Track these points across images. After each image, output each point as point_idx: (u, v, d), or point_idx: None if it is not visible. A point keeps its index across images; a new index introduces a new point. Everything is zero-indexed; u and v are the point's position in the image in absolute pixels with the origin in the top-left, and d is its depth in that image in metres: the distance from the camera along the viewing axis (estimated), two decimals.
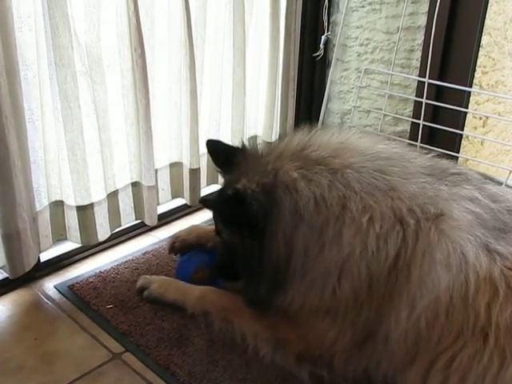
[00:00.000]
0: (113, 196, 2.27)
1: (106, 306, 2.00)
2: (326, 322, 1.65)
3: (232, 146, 1.88)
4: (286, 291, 1.70)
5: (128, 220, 2.38)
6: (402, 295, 1.53)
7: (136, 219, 2.41)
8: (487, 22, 2.60)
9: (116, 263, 2.23)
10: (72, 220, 2.17)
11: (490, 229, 1.54)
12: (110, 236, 2.32)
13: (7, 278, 2.05)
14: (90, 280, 2.12)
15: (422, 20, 2.64)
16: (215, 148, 1.90)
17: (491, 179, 1.79)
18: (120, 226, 2.36)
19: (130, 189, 2.34)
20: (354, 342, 1.63)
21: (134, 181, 2.34)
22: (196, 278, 2.01)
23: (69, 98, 1.98)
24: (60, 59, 1.92)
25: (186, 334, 1.87)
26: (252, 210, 1.64)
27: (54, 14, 1.86)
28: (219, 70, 2.53)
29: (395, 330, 1.55)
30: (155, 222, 2.42)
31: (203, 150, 2.53)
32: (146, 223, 2.41)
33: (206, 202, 1.89)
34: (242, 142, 1.84)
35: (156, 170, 2.39)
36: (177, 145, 2.47)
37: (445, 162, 1.77)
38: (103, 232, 2.25)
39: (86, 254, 2.28)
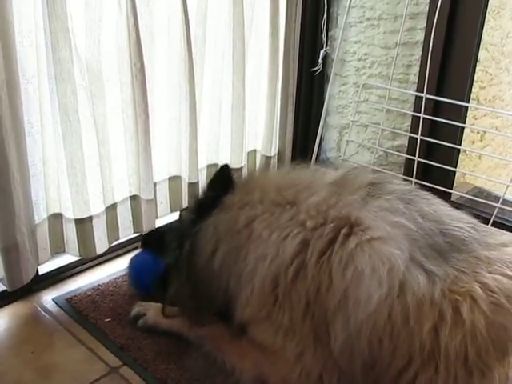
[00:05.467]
0: (111, 209, 2.27)
1: (104, 319, 1.99)
2: (279, 338, 1.63)
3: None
4: (233, 307, 1.72)
5: (126, 233, 2.38)
6: (330, 306, 1.51)
7: (134, 232, 2.41)
8: (484, 37, 2.62)
9: (114, 276, 2.24)
10: (70, 233, 2.17)
11: (421, 246, 1.48)
12: (109, 249, 2.32)
13: (5, 290, 2.05)
14: (88, 293, 2.12)
15: (420, 35, 2.66)
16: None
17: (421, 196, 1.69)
18: (118, 239, 2.36)
19: (128, 202, 2.35)
20: (316, 358, 1.58)
21: (132, 194, 2.34)
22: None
23: (68, 111, 1.99)
24: (60, 73, 1.93)
25: (183, 349, 1.86)
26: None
27: (55, 29, 1.87)
28: (219, 84, 2.54)
29: (335, 348, 1.51)
30: None
31: (202, 164, 2.55)
32: None
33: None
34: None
35: (155, 184, 2.39)
36: (176, 159, 2.48)
37: (367, 175, 1.75)
38: (101, 245, 2.25)
39: (84, 267, 2.28)
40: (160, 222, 2.50)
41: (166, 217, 2.55)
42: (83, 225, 2.16)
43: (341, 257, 1.50)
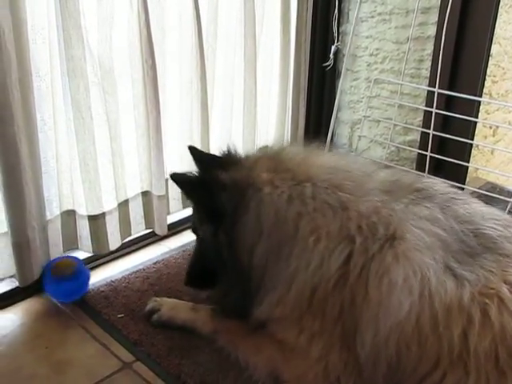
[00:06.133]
0: (124, 205, 2.29)
1: (117, 315, 2.00)
2: (303, 338, 1.64)
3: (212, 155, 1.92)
4: (259, 302, 1.70)
5: (138, 229, 2.39)
6: (364, 316, 1.52)
7: (146, 228, 2.42)
8: (497, 31, 2.61)
9: (127, 272, 2.24)
10: (84, 229, 2.19)
11: (455, 252, 1.50)
12: (122, 245, 2.33)
13: (18, 286, 2.07)
14: (101, 289, 2.13)
15: (432, 30, 2.65)
16: (198, 153, 1.95)
17: (456, 195, 1.71)
18: (130, 235, 2.37)
19: (140, 198, 2.36)
20: (341, 360, 1.60)
21: (144, 190, 2.35)
22: None
23: (81, 108, 2.00)
24: (73, 70, 1.95)
25: (196, 344, 1.86)
26: (223, 196, 1.68)
27: (68, 26, 1.88)
28: (230, 80, 2.55)
29: (362, 353, 1.53)
30: (165, 232, 2.43)
31: None
32: (156, 232, 2.42)
33: (174, 177, 1.85)
34: (226, 148, 1.84)
35: (167, 180, 2.40)
36: (188, 155, 2.48)
37: (410, 177, 1.75)
38: (114, 241, 2.26)
39: (97, 263, 2.29)
40: (172, 219, 2.52)
41: (179, 213, 2.56)
42: (96, 221, 2.18)
43: (377, 269, 1.51)
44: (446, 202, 1.63)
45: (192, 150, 1.94)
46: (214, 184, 1.70)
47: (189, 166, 2.47)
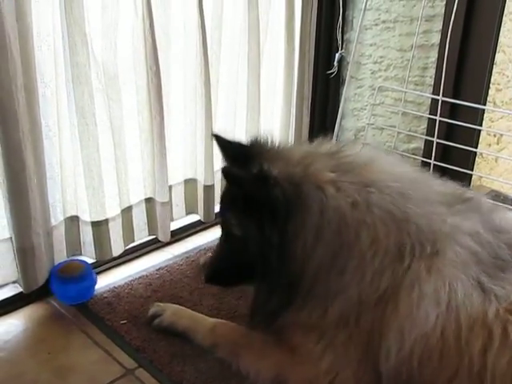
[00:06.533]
0: (127, 211, 2.29)
1: (120, 321, 2.00)
2: (319, 346, 1.60)
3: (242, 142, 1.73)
4: (299, 308, 1.63)
5: (141, 235, 2.40)
6: (391, 328, 1.49)
7: (149, 235, 2.42)
8: (501, 39, 2.60)
9: (130, 279, 2.25)
10: (87, 235, 2.19)
11: (487, 266, 1.48)
12: (125, 252, 2.33)
13: (22, 292, 2.07)
14: (104, 295, 2.14)
15: (436, 38, 2.65)
16: (224, 142, 1.74)
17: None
18: (134, 241, 2.37)
19: (143, 204, 2.36)
20: (355, 375, 1.57)
21: (147, 197, 2.35)
22: None
23: (85, 114, 2.01)
24: (77, 77, 1.95)
25: (198, 351, 1.86)
26: (275, 191, 1.51)
27: (73, 33, 1.89)
28: (234, 87, 2.55)
29: (385, 365, 1.51)
30: (168, 238, 2.43)
31: (218, 166, 2.54)
32: (160, 239, 2.42)
33: (219, 139, 1.69)
34: (254, 137, 1.69)
35: (170, 187, 2.40)
36: (191, 161, 2.49)
37: (459, 187, 1.72)
38: (117, 247, 2.27)
39: (100, 269, 2.29)
40: (175, 225, 2.52)
41: (182, 219, 2.56)
42: (100, 227, 2.18)
43: (410, 282, 1.49)
44: (487, 213, 1.61)
45: (218, 138, 1.73)
46: (264, 178, 1.52)
47: (193, 172, 2.50)
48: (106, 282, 2.24)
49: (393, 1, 2.76)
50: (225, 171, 1.59)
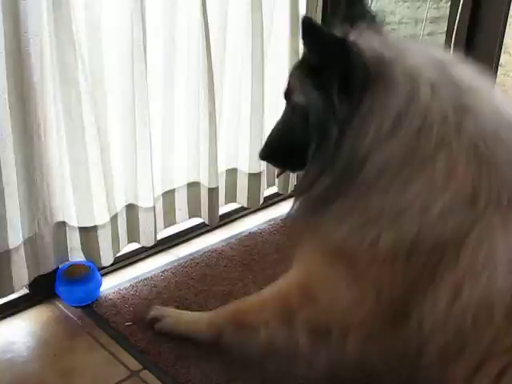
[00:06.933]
0: (114, 219, 2.20)
1: (125, 323, 2.00)
2: (347, 277, 1.42)
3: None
4: (330, 211, 1.42)
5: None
6: (445, 279, 1.30)
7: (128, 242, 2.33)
8: (506, 40, 2.61)
9: (135, 281, 2.24)
10: (75, 241, 2.12)
11: None
12: (129, 253, 2.33)
13: (27, 294, 2.07)
14: (109, 297, 2.14)
15: (441, 40, 2.65)
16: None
17: None
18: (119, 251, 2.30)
19: (124, 211, 2.27)
20: (377, 317, 1.40)
21: (129, 203, 2.27)
22: None
23: (73, 117, 1.95)
24: (65, 78, 1.90)
25: (203, 352, 1.86)
26: (356, 58, 1.31)
27: (59, 32, 1.83)
28: (238, 90, 2.54)
29: (429, 316, 1.33)
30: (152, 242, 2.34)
31: (222, 168, 2.54)
32: (142, 244, 2.34)
33: (306, 21, 1.38)
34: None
35: (174, 190, 2.40)
36: (194, 165, 2.47)
37: None
38: (108, 256, 2.19)
39: (105, 271, 2.29)
40: (178, 228, 2.52)
41: (184, 223, 2.54)
42: (88, 233, 2.10)
43: (480, 233, 1.29)
44: None
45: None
46: (348, 42, 1.33)
47: (195, 176, 2.48)
48: (110, 283, 2.24)
49: (397, 3, 2.76)
50: (305, 20, 1.35)
